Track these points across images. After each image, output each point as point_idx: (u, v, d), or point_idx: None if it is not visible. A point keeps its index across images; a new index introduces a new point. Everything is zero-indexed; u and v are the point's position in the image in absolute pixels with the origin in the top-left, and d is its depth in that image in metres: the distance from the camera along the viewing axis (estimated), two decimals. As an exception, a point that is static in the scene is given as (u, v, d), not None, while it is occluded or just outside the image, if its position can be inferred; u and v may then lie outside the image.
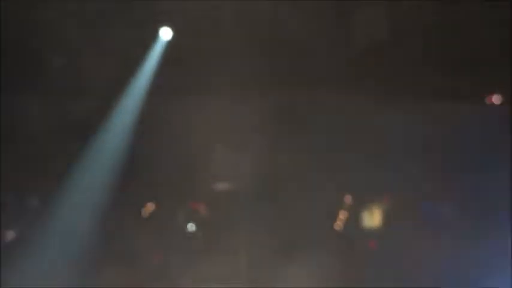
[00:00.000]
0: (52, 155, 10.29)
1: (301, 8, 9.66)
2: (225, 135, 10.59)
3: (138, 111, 10.54)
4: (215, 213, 10.74)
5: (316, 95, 10.64)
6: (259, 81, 10.28)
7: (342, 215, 10.77)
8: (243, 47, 9.88)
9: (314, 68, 10.31)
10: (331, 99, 10.70)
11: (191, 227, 10.66)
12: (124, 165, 10.48)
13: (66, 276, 9.93)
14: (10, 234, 10.58)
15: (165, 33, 10.22)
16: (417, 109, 10.78)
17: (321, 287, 9.79)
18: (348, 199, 10.83)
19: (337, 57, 10.23)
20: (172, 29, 10.20)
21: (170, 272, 10.24)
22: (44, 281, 9.80)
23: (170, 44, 10.24)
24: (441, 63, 10.29)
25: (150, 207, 10.84)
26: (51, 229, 10.25)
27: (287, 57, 10.25)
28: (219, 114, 10.42)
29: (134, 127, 10.55)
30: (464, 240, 10.43)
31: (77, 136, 10.32)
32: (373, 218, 10.72)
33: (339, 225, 10.76)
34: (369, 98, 10.60)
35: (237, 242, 10.26)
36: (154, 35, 10.20)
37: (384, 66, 10.38)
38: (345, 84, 10.52)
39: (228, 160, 10.70)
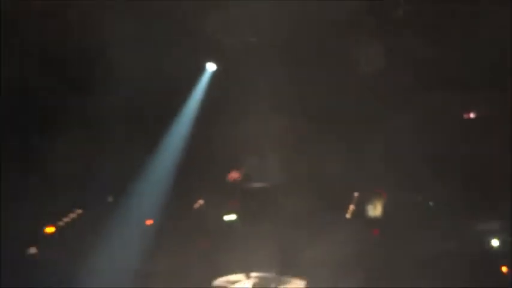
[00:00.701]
0: (125, 162, 13.12)
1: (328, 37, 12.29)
2: (256, 147, 13.20)
3: (190, 130, 13.45)
4: (249, 207, 13.24)
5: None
6: (287, 104, 12.81)
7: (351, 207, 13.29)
8: (273, 75, 12.50)
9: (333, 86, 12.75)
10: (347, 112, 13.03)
11: (231, 217, 13.32)
12: (180, 171, 13.41)
13: (134, 259, 12.40)
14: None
15: (210, 66, 13.18)
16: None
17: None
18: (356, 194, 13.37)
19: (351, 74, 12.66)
20: (216, 63, 13.14)
21: (214, 252, 12.48)
22: (114, 265, 12.14)
23: (214, 75, 13.13)
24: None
25: (199, 202, 13.64)
26: (123, 220, 12.98)
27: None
28: (251, 131, 12.97)
29: (188, 142, 13.45)
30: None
31: (143, 148, 13.23)
32: (376, 210, 13.12)
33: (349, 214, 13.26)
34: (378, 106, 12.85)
35: (267, 228, 12.41)
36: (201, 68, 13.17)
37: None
38: (359, 96, 12.86)
39: (259, 166, 13.29)
